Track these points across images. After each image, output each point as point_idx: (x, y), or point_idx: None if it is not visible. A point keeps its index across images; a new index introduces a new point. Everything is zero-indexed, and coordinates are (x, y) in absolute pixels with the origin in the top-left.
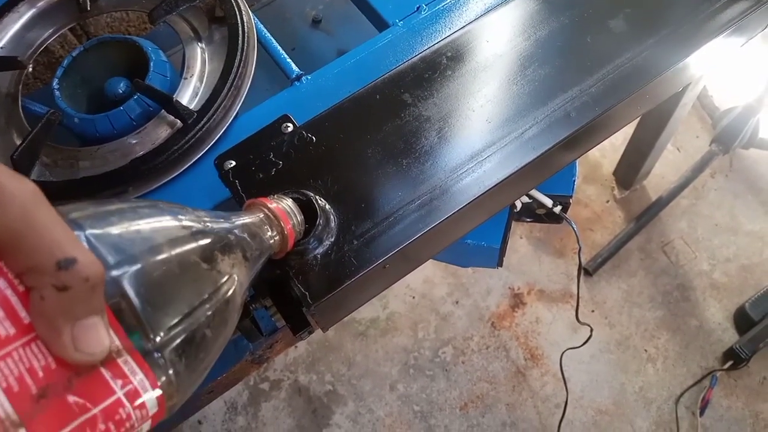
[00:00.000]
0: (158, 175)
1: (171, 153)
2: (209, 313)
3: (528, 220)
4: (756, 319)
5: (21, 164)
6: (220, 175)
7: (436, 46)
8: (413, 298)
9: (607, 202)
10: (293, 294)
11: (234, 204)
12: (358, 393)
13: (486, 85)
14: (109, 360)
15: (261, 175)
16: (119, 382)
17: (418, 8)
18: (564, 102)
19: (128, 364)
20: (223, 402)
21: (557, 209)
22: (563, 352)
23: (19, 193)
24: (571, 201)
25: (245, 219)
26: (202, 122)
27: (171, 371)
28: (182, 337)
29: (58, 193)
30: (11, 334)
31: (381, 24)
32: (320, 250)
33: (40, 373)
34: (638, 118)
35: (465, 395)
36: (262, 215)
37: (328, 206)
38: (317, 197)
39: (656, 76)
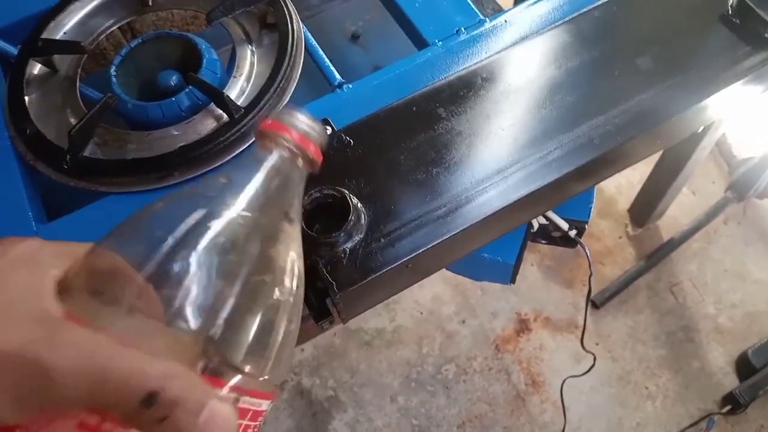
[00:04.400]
0: (202, 164)
1: (217, 144)
2: (292, 324)
3: (543, 241)
4: (758, 367)
5: (77, 141)
6: None
7: (473, 67)
8: (421, 313)
9: (620, 238)
10: (319, 284)
11: None
12: (359, 401)
13: (516, 107)
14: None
15: None
16: (245, 419)
17: (457, 31)
18: (589, 129)
19: (247, 401)
20: None
21: (572, 233)
22: (565, 380)
23: (71, 348)
24: (586, 227)
25: (270, 164)
26: (248, 118)
27: (277, 381)
28: (275, 355)
29: (110, 171)
30: None
31: (420, 42)
32: (349, 244)
33: None
34: (656, 155)
35: (464, 414)
36: (283, 152)
37: (360, 205)
38: (351, 195)
39: (677, 113)
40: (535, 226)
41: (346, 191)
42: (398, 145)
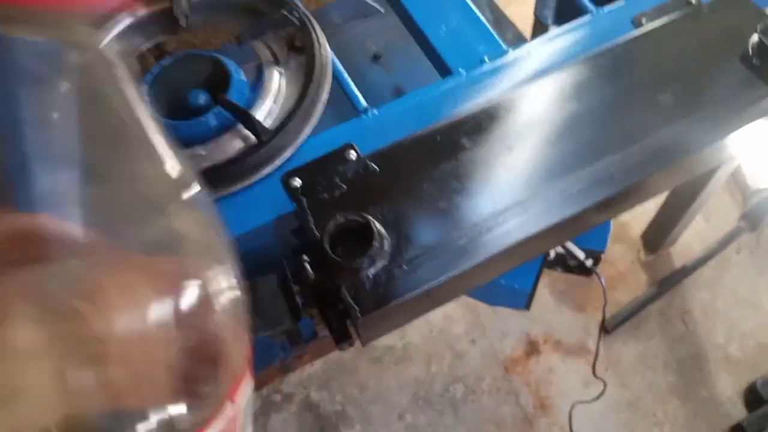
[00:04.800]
0: (229, 184)
1: (243, 165)
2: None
3: (559, 269)
4: (766, 398)
5: None
6: (286, 190)
7: (496, 99)
8: (431, 331)
9: (632, 263)
10: (340, 307)
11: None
12: (367, 417)
13: (538, 140)
14: None
15: (326, 195)
16: None
17: (481, 60)
18: (609, 164)
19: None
20: None
21: (588, 262)
22: (573, 405)
23: None
24: (602, 256)
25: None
26: (275, 140)
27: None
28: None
29: None
30: None
31: (444, 70)
32: (372, 270)
33: None
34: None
35: None
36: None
37: (383, 231)
38: (375, 221)
39: (697, 150)
40: (552, 254)
41: (370, 217)
42: (422, 173)
